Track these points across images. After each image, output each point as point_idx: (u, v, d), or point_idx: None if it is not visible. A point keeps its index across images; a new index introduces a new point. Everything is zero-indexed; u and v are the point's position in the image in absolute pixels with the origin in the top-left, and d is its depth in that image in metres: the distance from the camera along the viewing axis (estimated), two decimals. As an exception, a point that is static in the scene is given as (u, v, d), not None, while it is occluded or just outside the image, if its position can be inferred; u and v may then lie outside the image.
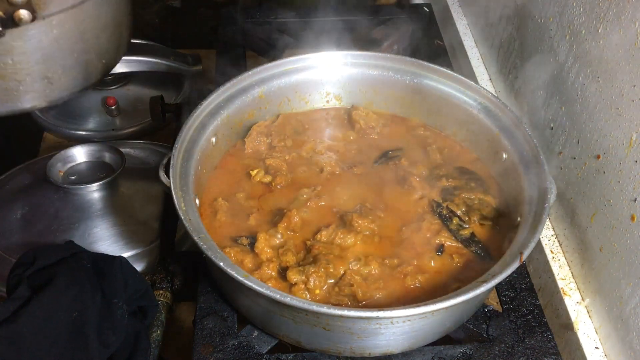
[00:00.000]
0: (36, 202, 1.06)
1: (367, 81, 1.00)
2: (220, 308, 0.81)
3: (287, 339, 0.76)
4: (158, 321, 0.86)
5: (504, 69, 1.18)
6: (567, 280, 0.90)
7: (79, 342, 0.71)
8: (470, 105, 0.93)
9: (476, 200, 0.86)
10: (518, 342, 0.78)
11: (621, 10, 0.75)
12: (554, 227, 0.97)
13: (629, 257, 0.76)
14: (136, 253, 1.01)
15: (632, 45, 0.73)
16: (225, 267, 0.66)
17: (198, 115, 0.86)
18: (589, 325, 0.84)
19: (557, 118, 0.95)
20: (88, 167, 1.10)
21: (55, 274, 0.73)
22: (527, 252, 0.70)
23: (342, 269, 0.75)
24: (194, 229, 0.70)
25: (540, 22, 1.00)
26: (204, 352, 0.75)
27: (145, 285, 0.83)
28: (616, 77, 0.77)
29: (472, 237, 0.82)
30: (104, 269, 0.79)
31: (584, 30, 0.85)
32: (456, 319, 0.76)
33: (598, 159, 0.82)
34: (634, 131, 0.73)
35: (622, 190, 0.77)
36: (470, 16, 1.38)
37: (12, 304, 0.69)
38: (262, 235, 0.78)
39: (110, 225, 1.04)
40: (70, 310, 0.71)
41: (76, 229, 1.02)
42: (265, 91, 0.96)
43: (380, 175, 0.91)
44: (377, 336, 0.70)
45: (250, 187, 0.88)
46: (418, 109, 0.99)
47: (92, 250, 0.83)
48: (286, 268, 0.76)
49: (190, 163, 0.81)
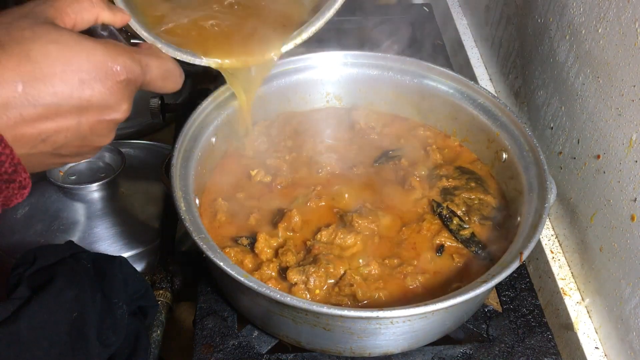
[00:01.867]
0: (36, 202, 1.06)
1: (367, 81, 1.00)
2: (220, 308, 0.81)
3: (287, 339, 0.76)
4: (158, 321, 0.86)
5: (504, 69, 1.18)
6: (567, 280, 0.90)
7: (79, 342, 0.71)
8: (470, 105, 0.93)
9: (476, 200, 0.86)
10: (518, 342, 0.78)
11: (621, 10, 0.75)
12: (554, 227, 0.97)
13: (629, 257, 0.76)
14: (136, 253, 1.01)
15: (632, 45, 0.73)
16: (225, 267, 0.66)
17: (198, 115, 0.85)
18: (589, 325, 0.84)
19: (557, 118, 0.95)
20: (88, 167, 1.10)
21: (55, 274, 0.73)
22: (527, 252, 0.70)
23: (342, 269, 0.75)
24: (194, 229, 0.70)
25: (540, 22, 1.00)
26: (204, 352, 0.75)
27: (145, 285, 0.83)
28: (616, 77, 0.77)
29: (472, 237, 0.82)
30: (104, 269, 0.78)
31: (584, 30, 0.85)
32: (456, 319, 0.76)
33: (598, 159, 0.82)
34: (634, 131, 0.73)
35: (622, 190, 0.77)
36: (470, 16, 1.38)
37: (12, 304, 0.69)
38: (262, 235, 0.78)
39: (110, 225, 1.04)
40: (70, 310, 0.71)
41: (76, 229, 1.02)
42: (265, 91, 0.96)
43: (380, 175, 0.91)
44: (377, 336, 0.70)
45: (250, 187, 0.88)
46: (418, 109, 0.99)
47: (92, 250, 0.82)
48: (286, 268, 0.76)
49: (190, 163, 0.81)
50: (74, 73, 0.49)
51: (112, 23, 0.59)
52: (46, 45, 0.48)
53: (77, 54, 0.50)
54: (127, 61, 0.53)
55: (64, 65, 0.49)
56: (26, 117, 0.48)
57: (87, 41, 0.51)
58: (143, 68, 0.55)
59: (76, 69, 0.49)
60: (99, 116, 0.52)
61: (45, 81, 0.48)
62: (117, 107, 0.53)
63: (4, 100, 0.46)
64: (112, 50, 0.52)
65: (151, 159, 1.19)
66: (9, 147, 0.46)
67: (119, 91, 0.53)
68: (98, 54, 0.51)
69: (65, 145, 0.52)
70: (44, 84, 0.48)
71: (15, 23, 0.49)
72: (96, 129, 0.53)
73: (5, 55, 0.47)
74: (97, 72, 0.51)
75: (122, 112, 0.54)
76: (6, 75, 0.46)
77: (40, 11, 0.51)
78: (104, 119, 0.53)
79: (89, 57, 0.50)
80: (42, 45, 0.48)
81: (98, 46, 0.51)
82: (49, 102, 0.48)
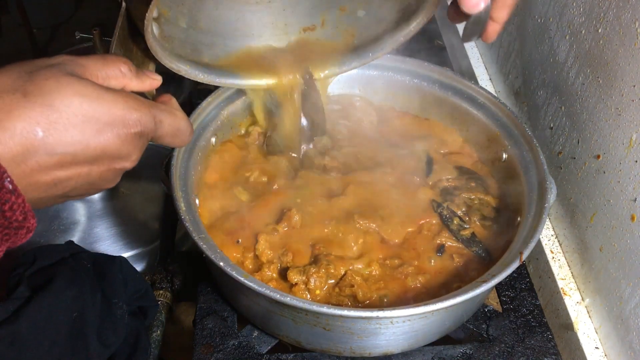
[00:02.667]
0: (36, 202, 1.06)
1: (367, 81, 1.00)
2: (220, 308, 0.81)
3: (287, 339, 0.76)
4: (158, 321, 0.86)
5: (504, 69, 1.18)
6: (567, 280, 0.90)
7: (79, 342, 0.71)
8: (470, 105, 0.93)
9: (476, 200, 0.86)
10: (518, 342, 0.78)
11: (621, 10, 0.75)
12: (554, 227, 0.97)
13: (629, 257, 0.76)
14: (136, 253, 1.01)
15: (632, 45, 0.73)
16: (225, 267, 0.66)
17: (198, 115, 0.85)
18: (589, 325, 0.84)
19: (557, 118, 0.95)
20: (88, 167, 1.10)
21: (55, 274, 0.73)
22: (527, 252, 0.70)
23: (343, 269, 0.75)
24: (194, 229, 0.70)
25: (540, 22, 1.00)
26: (204, 352, 0.75)
27: (145, 285, 0.83)
28: (616, 77, 0.77)
29: (472, 237, 0.82)
30: (104, 269, 0.78)
31: (584, 30, 0.85)
32: (456, 319, 0.76)
33: (598, 159, 0.82)
34: (634, 131, 0.73)
35: (622, 190, 0.77)
36: (470, 16, 1.38)
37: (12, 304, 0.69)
38: (263, 236, 0.78)
39: (110, 225, 1.04)
40: (70, 310, 0.71)
41: (76, 229, 1.02)
42: (265, 91, 0.96)
43: (380, 175, 0.91)
44: (377, 336, 0.70)
45: (250, 187, 0.88)
46: (418, 108, 0.99)
47: (92, 250, 0.83)
48: (286, 268, 0.75)
49: (190, 163, 0.81)
50: (92, 124, 0.51)
51: (140, 90, 0.60)
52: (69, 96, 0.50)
53: (99, 107, 0.51)
54: (143, 116, 0.55)
55: (84, 117, 0.50)
56: (42, 165, 0.49)
57: (108, 94, 0.52)
58: (157, 124, 0.57)
59: (95, 121, 0.51)
60: (109, 165, 0.54)
61: (65, 131, 0.49)
62: (128, 157, 0.56)
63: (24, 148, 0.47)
64: (131, 104, 0.54)
65: (151, 159, 1.19)
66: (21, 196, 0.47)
67: (131, 142, 0.55)
68: (119, 107, 0.52)
69: (73, 189, 0.54)
70: (64, 133, 0.49)
71: (41, 72, 0.50)
72: (105, 175, 0.55)
73: (29, 103, 0.48)
74: (115, 125, 0.52)
75: (132, 161, 0.57)
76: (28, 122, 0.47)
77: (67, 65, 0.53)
78: (114, 167, 0.55)
79: (110, 110, 0.52)
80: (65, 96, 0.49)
81: (119, 99, 0.53)
82: (66, 151, 0.50)
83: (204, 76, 0.81)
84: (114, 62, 0.57)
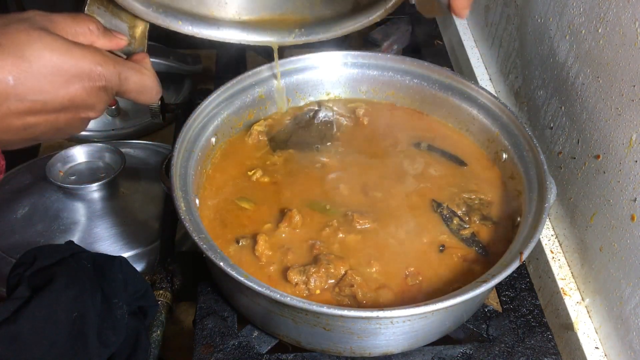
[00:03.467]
0: (36, 202, 1.06)
1: (367, 81, 1.00)
2: (220, 308, 0.81)
3: (287, 339, 0.76)
4: (158, 321, 0.86)
5: (504, 69, 1.18)
6: (567, 280, 0.90)
7: (79, 342, 0.71)
8: (470, 105, 0.93)
9: (476, 200, 0.86)
10: (518, 342, 0.78)
11: (621, 10, 0.75)
12: (554, 227, 0.97)
13: (629, 257, 0.76)
14: (136, 253, 1.01)
15: (632, 45, 0.73)
16: (225, 267, 0.66)
17: (198, 115, 0.86)
18: (589, 325, 0.84)
19: (557, 118, 0.95)
20: (88, 167, 1.10)
21: (55, 274, 0.73)
22: (527, 252, 0.70)
23: (343, 269, 0.75)
24: (194, 229, 0.70)
25: (540, 22, 1.00)
26: (204, 352, 0.75)
27: (145, 285, 0.83)
28: (616, 77, 0.77)
29: (472, 237, 0.82)
30: (104, 269, 0.78)
31: (584, 30, 0.85)
32: (456, 319, 0.76)
33: (598, 159, 0.82)
34: (634, 131, 0.73)
35: (622, 190, 0.77)
36: (470, 16, 1.38)
37: (12, 304, 0.69)
38: (262, 237, 0.78)
39: (110, 225, 1.04)
40: (70, 310, 0.71)
41: (76, 229, 1.02)
42: (265, 91, 0.96)
43: (381, 174, 0.91)
44: (377, 336, 0.70)
45: (250, 187, 0.88)
46: (418, 108, 0.99)
47: (92, 250, 0.83)
48: (287, 268, 0.76)
49: (190, 163, 0.81)
50: (61, 76, 0.55)
51: (107, 48, 0.64)
52: (40, 49, 0.54)
53: (67, 60, 0.55)
54: (107, 72, 0.59)
55: (54, 68, 0.54)
56: (13, 110, 0.54)
57: (77, 49, 0.57)
58: (121, 80, 0.61)
59: (64, 73, 0.55)
60: (76, 114, 0.59)
61: (35, 80, 0.53)
62: (92, 107, 0.60)
63: None
64: (98, 60, 0.58)
65: (151, 159, 1.19)
66: None
67: (97, 95, 0.59)
68: (86, 61, 0.57)
69: (43, 133, 0.58)
70: (34, 82, 0.53)
71: (13, 25, 0.54)
72: (71, 122, 0.60)
73: (2, 54, 0.52)
74: (82, 77, 0.57)
75: (97, 111, 0.61)
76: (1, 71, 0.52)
77: (38, 20, 0.57)
78: (79, 116, 0.60)
79: (77, 63, 0.56)
80: (35, 48, 0.54)
81: (87, 54, 0.57)
82: (36, 99, 0.54)
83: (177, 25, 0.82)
84: (83, 20, 0.61)
